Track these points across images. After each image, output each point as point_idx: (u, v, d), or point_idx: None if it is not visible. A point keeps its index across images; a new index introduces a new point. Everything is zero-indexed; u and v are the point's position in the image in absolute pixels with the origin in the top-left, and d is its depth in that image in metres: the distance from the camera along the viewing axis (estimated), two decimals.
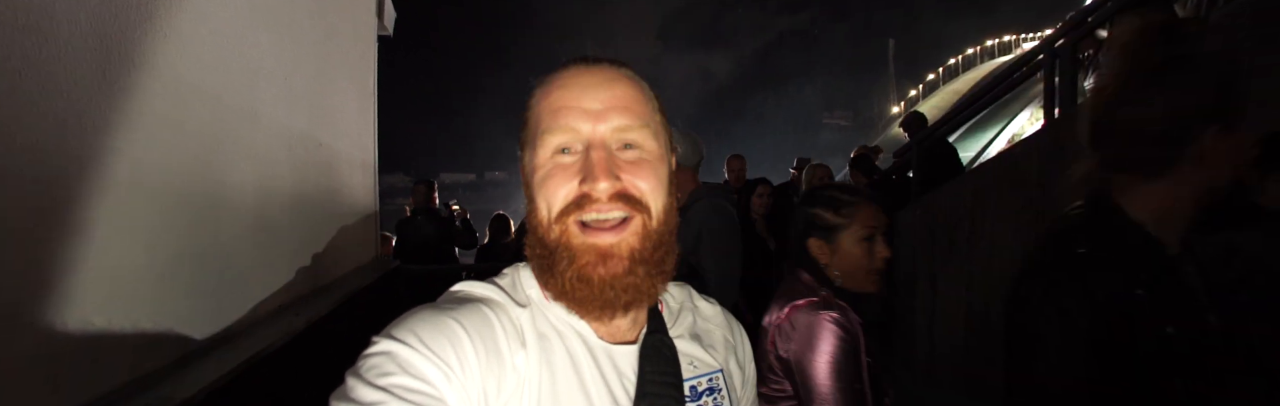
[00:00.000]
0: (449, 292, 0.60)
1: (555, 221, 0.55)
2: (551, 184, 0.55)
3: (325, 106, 2.06)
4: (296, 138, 1.78)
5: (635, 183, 0.55)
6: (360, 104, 2.53)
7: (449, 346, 0.50)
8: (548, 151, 0.56)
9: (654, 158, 0.57)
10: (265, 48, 1.54)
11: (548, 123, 0.56)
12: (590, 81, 0.57)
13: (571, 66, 0.59)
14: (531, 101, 0.60)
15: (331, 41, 2.13)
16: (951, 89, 43.67)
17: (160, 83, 1.07)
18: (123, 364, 0.96)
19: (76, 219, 0.86)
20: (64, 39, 0.84)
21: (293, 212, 1.75)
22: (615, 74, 0.59)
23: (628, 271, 0.54)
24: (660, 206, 0.57)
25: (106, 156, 0.92)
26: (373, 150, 2.73)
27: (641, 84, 0.61)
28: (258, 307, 1.47)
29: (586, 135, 0.55)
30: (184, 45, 1.15)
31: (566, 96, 0.57)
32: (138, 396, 0.93)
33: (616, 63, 0.61)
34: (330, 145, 2.11)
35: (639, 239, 0.55)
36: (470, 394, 0.49)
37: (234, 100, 1.36)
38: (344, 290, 2.01)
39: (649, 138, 0.57)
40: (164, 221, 1.08)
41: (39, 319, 0.79)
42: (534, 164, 0.57)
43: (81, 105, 0.87)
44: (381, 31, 2.85)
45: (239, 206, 1.38)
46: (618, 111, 0.56)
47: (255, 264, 1.46)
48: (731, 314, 0.74)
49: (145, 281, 1.02)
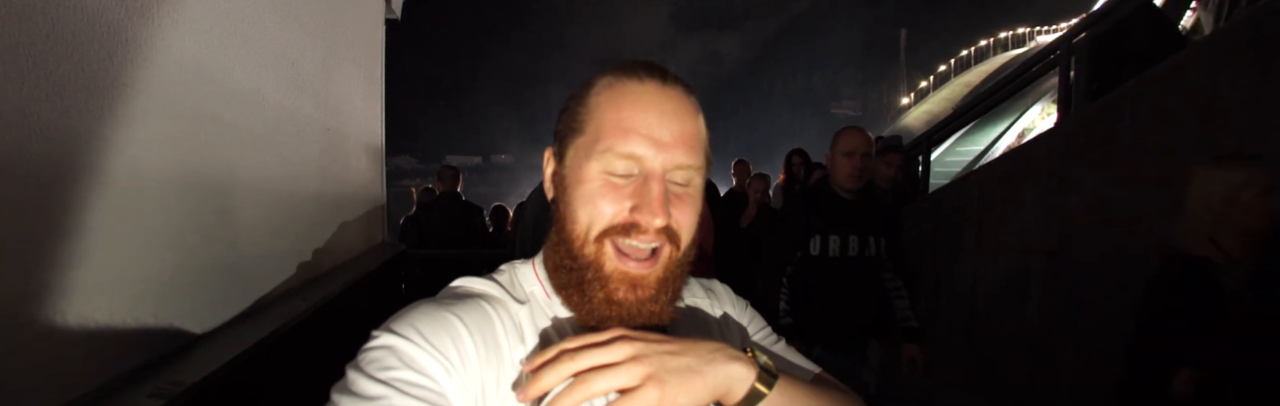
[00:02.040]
0: (448, 288, 0.61)
1: (594, 240, 0.55)
2: (600, 203, 0.55)
3: (332, 91, 2.05)
4: (303, 123, 1.77)
5: (679, 218, 0.56)
6: (367, 89, 2.52)
7: (449, 341, 0.50)
8: (603, 166, 0.55)
9: (696, 193, 0.58)
10: (273, 32, 1.52)
11: (612, 141, 0.55)
12: (667, 108, 0.56)
13: (647, 81, 0.57)
14: (592, 101, 0.58)
15: (339, 26, 2.11)
16: (963, 81, 43.07)
17: (167, 67, 1.06)
18: (130, 349, 0.98)
19: (81, 205, 0.86)
20: (69, 23, 0.83)
21: (299, 198, 1.75)
22: (688, 104, 0.58)
23: (653, 299, 0.55)
24: (688, 239, 0.58)
25: (112, 141, 0.92)
26: (380, 135, 2.72)
27: (701, 116, 0.60)
28: (264, 292, 1.48)
29: (649, 166, 0.55)
30: (192, 29, 1.13)
31: (640, 120, 0.55)
32: (146, 381, 0.94)
33: (689, 89, 0.60)
34: (337, 130, 2.10)
35: (664, 269, 0.56)
36: (470, 388, 0.50)
37: (241, 85, 1.36)
38: (352, 274, 2.03)
39: (698, 175, 0.58)
40: (169, 207, 1.08)
41: (45, 303, 0.80)
42: (582, 174, 0.56)
43: (87, 90, 0.87)
44: (390, 15, 2.81)
45: (244, 192, 1.38)
46: (685, 149, 0.56)
47: (261, 248, 1.47)
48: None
49: (152, 265, 1.03)
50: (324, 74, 1.96)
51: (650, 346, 0.47)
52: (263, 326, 1.31)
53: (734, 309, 0.71)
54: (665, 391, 0.44)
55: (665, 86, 0.58)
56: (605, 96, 0.57)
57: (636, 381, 0.44)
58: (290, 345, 1.38)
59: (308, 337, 1.49)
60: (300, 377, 1.47)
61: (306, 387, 1.46)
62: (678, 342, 0.48)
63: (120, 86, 0.94)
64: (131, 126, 0.96)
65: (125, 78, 0.95)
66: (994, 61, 42.59)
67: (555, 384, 0.45)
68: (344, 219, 2.19)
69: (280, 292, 1.57)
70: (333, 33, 2.03)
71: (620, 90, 0.57)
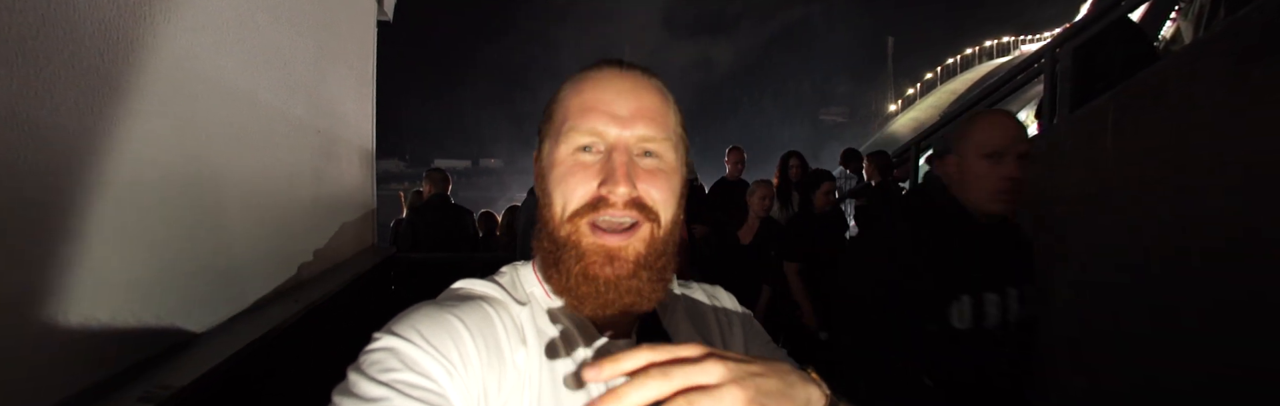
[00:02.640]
0: (450, 290, 0.61)
1: (567, 220, 0.56)
2: (571, 182, 0.56)
3: (324, 93, 2.03)
4: (294, 125, 1.76)
5: (650, 191, 0.56)
6: (359, 91, 2.50)
7: (451, 343, 0.50)
8: (570, 148, 0.57)
9: (670, 169, 0.59)
10: (265, 32, 1.51)
11: (575, 120, 0.57)
12: (623, 86, 0.58)
13: (605, 68, 0.60)
14: (560, 95, 0.61)
15: (331, 28, 2.10)
16: (949, 89, 43.70)
17: (158, 66, 1.05)
18: (115, 353, 0.96)
19: (61, 205, 0.85)
20: (60, 22, 0.82)
21: (290, 200, 1.73)
22: (646, 83, 0.60)
23: (632, 274, 0.55)
24: (669, 217, 0.58)
25: (100, 140, 0.91)
26: (371, 138, 2.70)
27: (669, 97, 0.62)
28: (255, 295, 1.46)
29: (611, 139, 0.56)
30: (184, 27, 1.13)
31: (597, 98, 0.57)
32: (135, 384, 0.92)
33: (649, 73, 0.62)
34: (328, 132, 2.09)
35: (645, 245, 0.56)
36: (471, 390, 0.50)
37: (233, 87, 1.34)
38: (342, 277, 2.01)
39: (669, 150, 0.59)
40: (160, 210, 1.07)
41: (37, 310, 0.78)
42: (554, 158, 0.58)
43: (77, 88, 0.86)
44: (381, 17, 2.80)
45: (236, 194, 1.37)
46: (644, 121, 0.57)
47: (253, 251, 1.46)
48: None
49: (136, 267, 1.01)
50: (316, 75, 1.94)
51: (740, 367, 0.42)
52: (253, 329, 1.29)
53: (731, 306, 0.71)
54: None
55: (623, 70, 0.60)
56: (568, 86, 0.61)
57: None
58: (281, 348, 1.36)
59: (298, 341, 1.47)
60: (291, 381, 1.45)
61: (297, 390, 1.44)
62: (759, 363, 0.44)
63: (111, 85, 0.93)
64: (121, 125, 0.95)
65: (116, 76, 0.94)
66: (979, 70, 43.26)
67: (644, 403, 0.39)
68: (335, 221, 2.17)
69: (271, 295, 1.55)
70: (324, 34, 2.02)
71: (580, 78, 0.60)
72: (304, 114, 1.83)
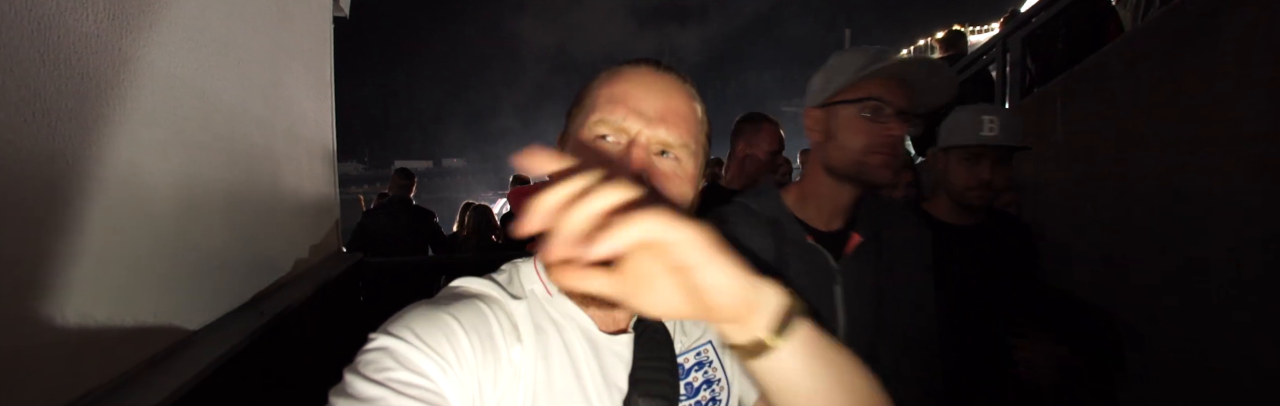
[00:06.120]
0: (446, 289, 0.61)
1: None
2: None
3: (282, 92, 1.95)
4: (252, 124, 1.69)
5: (661, 187, 0.57)
6: (317, 90, 2.42)
7: (445, 341, 0.50)
8: (590, 135, 0.58)
9: (685, 175, 0.59)
10: (217, 27, 1.44)
11: (603, 112, 0.58)
12: (656, 86, 0.59)
13: (643, 65, 0.61)
14: (593, 84, 0.62)
15: (286, 22, 2.01)
16: None
17: (106, 66, 0.99)
18: (97, 365, 0.91)
19: (26, 218, 0.79)
20: (8, 17, 0.76)
21: (250, 204, 1.66)
22: (681, 87, 0.61)
23: None
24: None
25: (40, 142, 0.85)
26: (331, 138, 2.62)
27: (699, 106, 0.63)
28: (216, 305, 1.40)
29: (632, 135, 0.57)
30: (132, 25, 1.06)
31: (629, 93, 0.58)
32: (106, 401, 0.88)
33: (685, 77, 0.63)
34: (287, 132, 2.01)
35: None
36: (466, 387, 0.50)
37: (186, 85, 1.28)
38: (307, 284, 1.94)
39: (687, 156, 0.59)
40: (113, 212, 1.01)
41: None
42: (574, 143, 0.59)
43: (33, 91, 0.80)
44: (337, 13, 2.71)
45: (190, 199, 1.30)
46: (670, 124, 0.58)
47: (211, 259, 1.39)
48: None
49: (113, 273, 0.96)
50: (271, 72, 1.86)
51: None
52: (216, 342, 1.24)
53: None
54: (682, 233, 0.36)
55: (658, 70, 0.62)
56: (603, 78, 0.62)
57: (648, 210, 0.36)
58: (246, 359, 1.31)
59: (263, 351, 1.42)
60: (258, 391, 1.40)
61: (267, 401, 1.39)
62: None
63: (55, 85, 0.87)
64: (67, 125, 0.89)
65: (60, 75, 0.88)
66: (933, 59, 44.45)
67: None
68: (297, 226, 2.10)
69: (231, 305, 1.49)
70: (279, 29, 1.94)
71: (616, 72, 0.62)
72: (262, 113, 1.75)
